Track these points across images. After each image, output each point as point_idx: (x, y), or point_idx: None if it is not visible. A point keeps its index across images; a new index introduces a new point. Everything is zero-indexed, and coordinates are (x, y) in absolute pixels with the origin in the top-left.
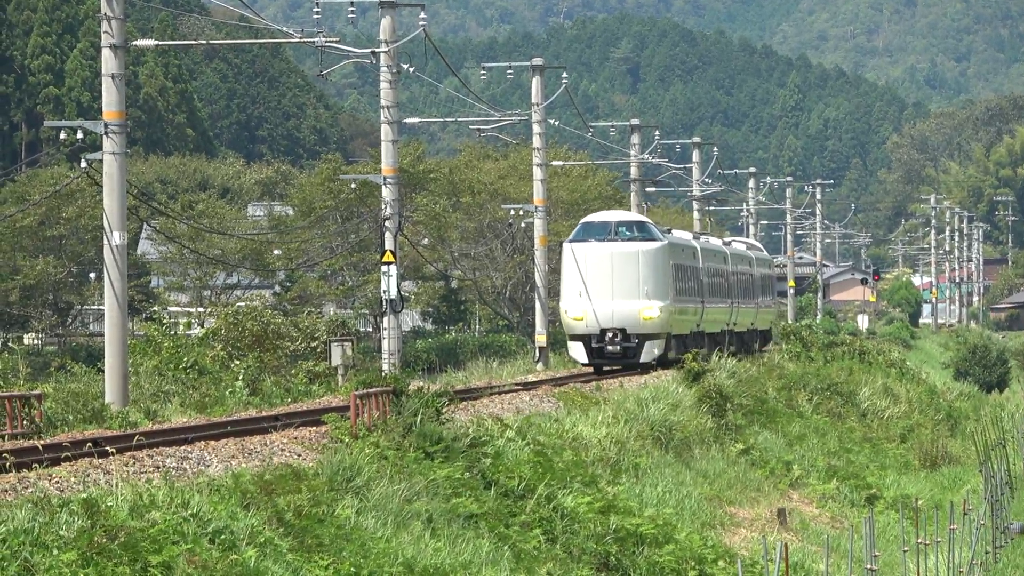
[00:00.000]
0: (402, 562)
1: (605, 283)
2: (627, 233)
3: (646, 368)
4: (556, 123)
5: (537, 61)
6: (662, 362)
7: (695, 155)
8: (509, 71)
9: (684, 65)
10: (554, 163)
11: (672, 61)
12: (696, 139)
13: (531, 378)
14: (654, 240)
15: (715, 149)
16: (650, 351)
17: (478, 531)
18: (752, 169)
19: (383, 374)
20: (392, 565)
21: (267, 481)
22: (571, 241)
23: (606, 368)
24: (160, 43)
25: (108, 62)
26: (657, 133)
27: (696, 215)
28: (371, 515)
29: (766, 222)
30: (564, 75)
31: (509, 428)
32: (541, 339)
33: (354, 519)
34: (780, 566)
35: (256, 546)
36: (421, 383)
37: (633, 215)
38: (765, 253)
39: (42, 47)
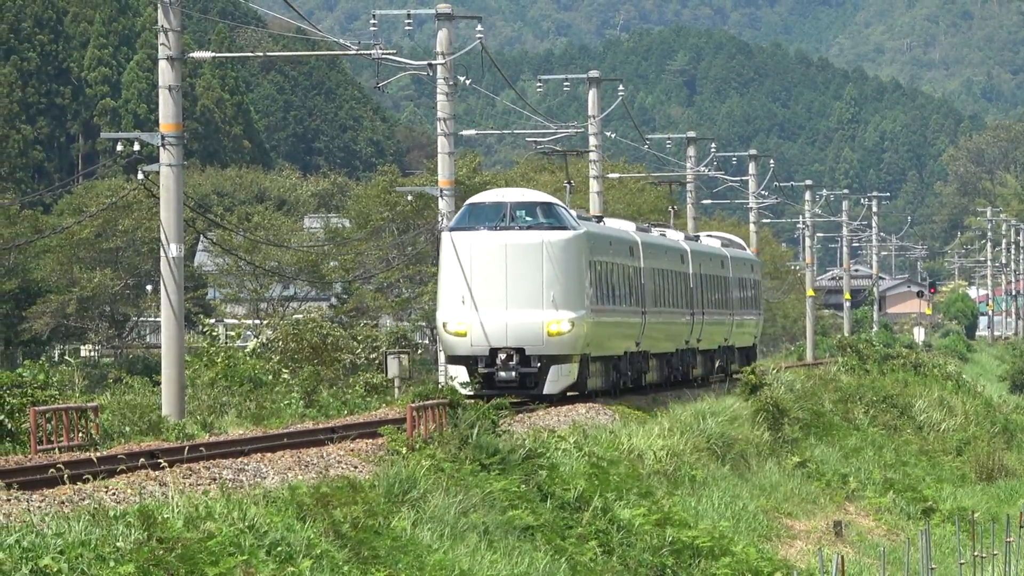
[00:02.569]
0: (458, 574)
1: (497, 286)
2: (527, 219)
3: (552, 401)
4: (612, 135)
5: (594, 73)
6: (580, 392)
7: (751, 167)
8: (566, 83)
9: (740, 77)
10: (610, 175)
11: (728, 73)
12: (752, 151)
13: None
14: (564, 228)
15: (771, 161)
16: (558, 378)
17: (534, 543)
18: (808, 182)
19: (439, 386)
20: None
21: (323, 493)
22: (452, 229)
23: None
24: (217, 55)
25: (165, 74)
26: (713, 145)
27: (752, 227)
28: (427, 527)
29: (822, 235)
30: (620, 87)
31: (565, 440)
32: None
33: (410, 531)
34: None
35: (312, 558)
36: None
37: (537, 194)
38: (749, 252)
39: (99, 59)
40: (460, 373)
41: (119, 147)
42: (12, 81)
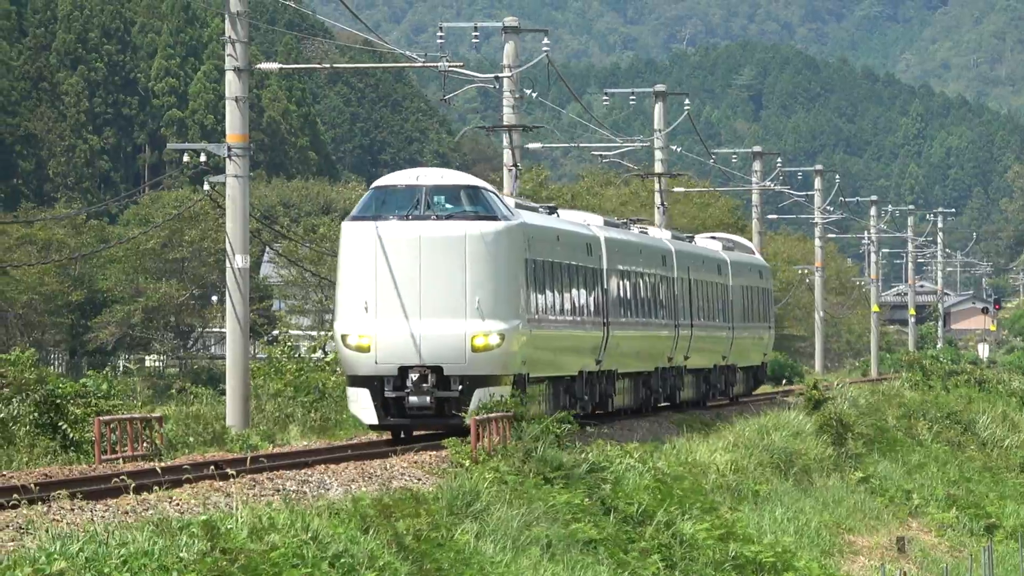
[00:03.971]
0: None
1: (408, 290)
2: (448, 206)
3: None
4: (678, 149)
5: (660, 87)
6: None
7: (817, 183)
8: (632, 97)
9: (807, 93)
10: (676, 190)
11: (795, 88)
12: (818, 167)
13: None
14: (494, 218)
15: (837, 177)
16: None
17: (597, 557)
18: (874, 197)
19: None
20: None
21: (387, 505)
22: (354, 218)
23: (413, 432)
24: (284, 66)
25: (232, 85)
26: (779, 160)
27: (817, 242)
28: (490, 539)
29: (888, 250)
30: (687, 102)
31: (629, 454)
32: None
33: (473, 543)
34: None
35: (375, 570)
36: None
37: (460, 175)
38: (757, 257)
39: (166, 69)
40: (362, 398)
41: (185, 158)
42: (79, 91)
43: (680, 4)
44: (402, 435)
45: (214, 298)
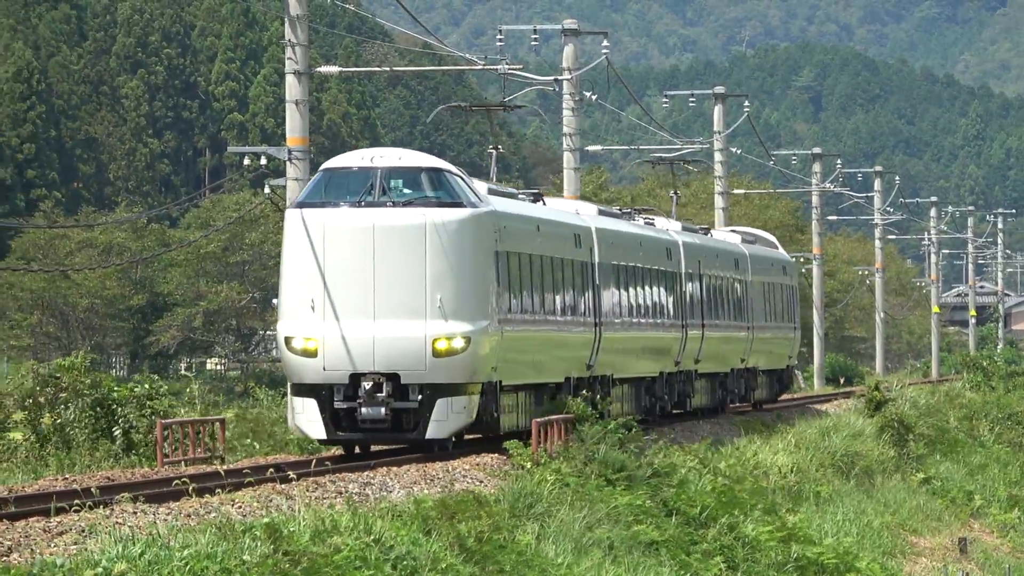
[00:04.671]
0: None
1: (361, 286)
2: (406, 191)
3: (439, 448)
4: (738, 151)
5: (719, 89)
6: (491, 434)
7: (877, 184)
8: (691, 99)
9: (866, 94)
10: (736, 191)
11: (854, 90)
12: (878, 168)
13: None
14: (458, 204)
15: (897, 178)
16: (447, 416)
17: (659, 559)
18: (934, 198)
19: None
20: None
21: (449, 507)
22: (300, 205)
23: (363, 447)
24: (344, 70)
25: (292, 88)
26: (839, 162)
27: (877, 243)
28: (551, 541)
29: (948, 251)
30: (746, 103)
31: (691, 456)
32: None
33: (534, 545)
34: None
35: (438, 572)
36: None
37: (421, 156)
38: (781, 252)
39: (226, 73)
40: (308, 409)
41: (246, 161)
42: (140, 95)
43: (739, 6)
44: (356, 450)
45: (275, 301)
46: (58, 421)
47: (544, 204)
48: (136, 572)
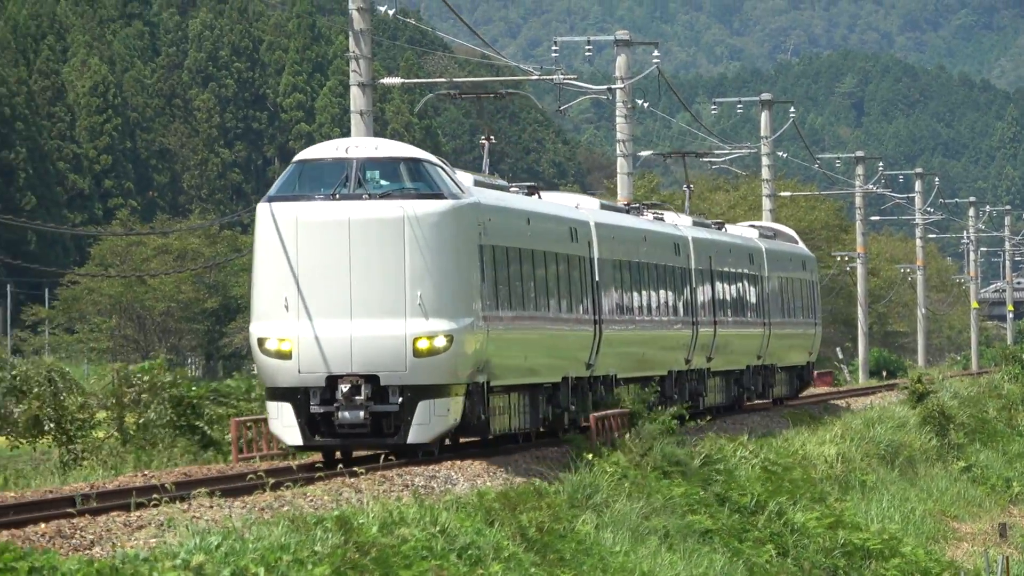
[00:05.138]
0: (640, 574)
1: (337, 284)
2: (383, 183)
3: (423, 454)
4: (784, 155)
5: (765, 96)
6: (481, 437)
7: (917, 185)
8: (739, 106)
9: (906, 99)
10: (782, 194)
11: (895, 95)
12: (918, 170)
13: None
14: (438, 196)
15: (936, 179)
16: (429, 420)
17: (712, 546)
18: (972, 199)
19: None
20: None
21: (511, 498)
22: (272, 199)
23: (345, 452)
24: (406, 81)
25: (356, 99)
26: (881, 164)
27: (918, 242)
28: (610, 531)
29: (986, 249)
30: (791, 109)
31: (742, 447)
32: None
33: (593, 534)
34: None
35: (501, 561)
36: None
37: (397, 146)
38: (801, 247)
39: (294, 85)
40: (284, 414)
41: None
42: (211, 107)
43: (784, 16)
44: (337, 456)
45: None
46: (140, 420)
47: (539, 197)
48: (213, 563)
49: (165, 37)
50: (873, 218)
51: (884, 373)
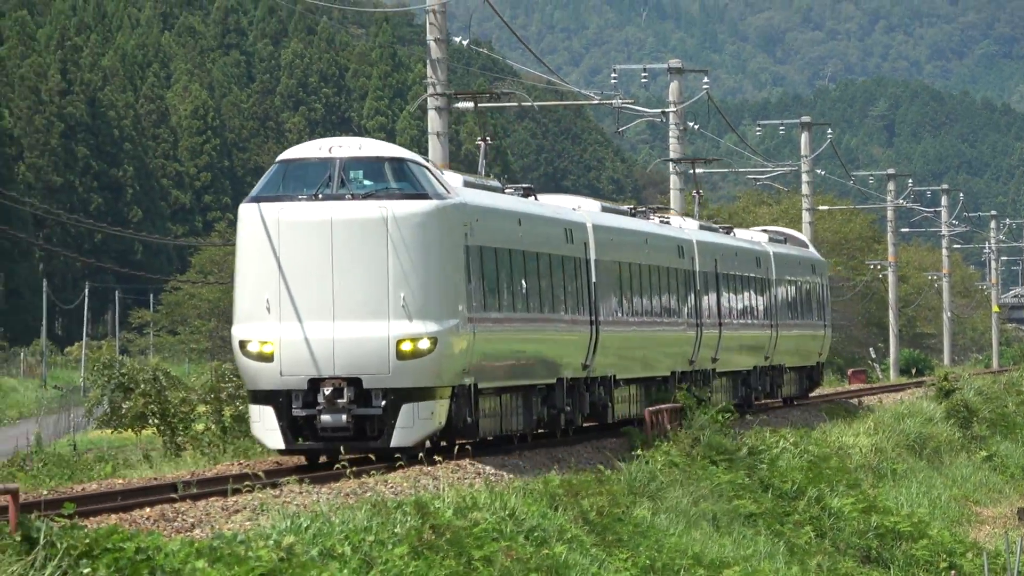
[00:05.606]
0: (691, 555)
1: (319, 285)
2: (367, 183)
3: (409, 458)
4: (822, 172)
5: (805, 119)
6: (470, 439)
7: (943, 200)
8: (781, 128)
9: (933, 121)
10: (820, 208)
11: (923, 118)
12: (944, 186)
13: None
14: (423, 196)
15: (960, 195)
16: (413, 423)
17: (756, 528)
18: (993, 212)
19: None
20: (683, 558)
21: (573, 485)
22: (254, 199)
23: (330, 456)
24: (478, 105)
25: (433, 122)
26: (910, 181)
27: (944, 252)
28: (664, 515)
29: (1006, 258)
30: (829, 131)
31: (783, 438)
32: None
33: (649, 518)
34: (1021, 558)
35: (564, 541)
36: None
37: (382, 146)
38: (811, 251)
39: (376, 109)
40: (265, 417)
41: None
42: (301, 128)
43: (822, 45)
44: (322, 459)
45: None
46: (236, 413)
47: (535, 199)
48: (303, 544)
49: (260, 65)
50: (903, 230)
51: (913, 371)
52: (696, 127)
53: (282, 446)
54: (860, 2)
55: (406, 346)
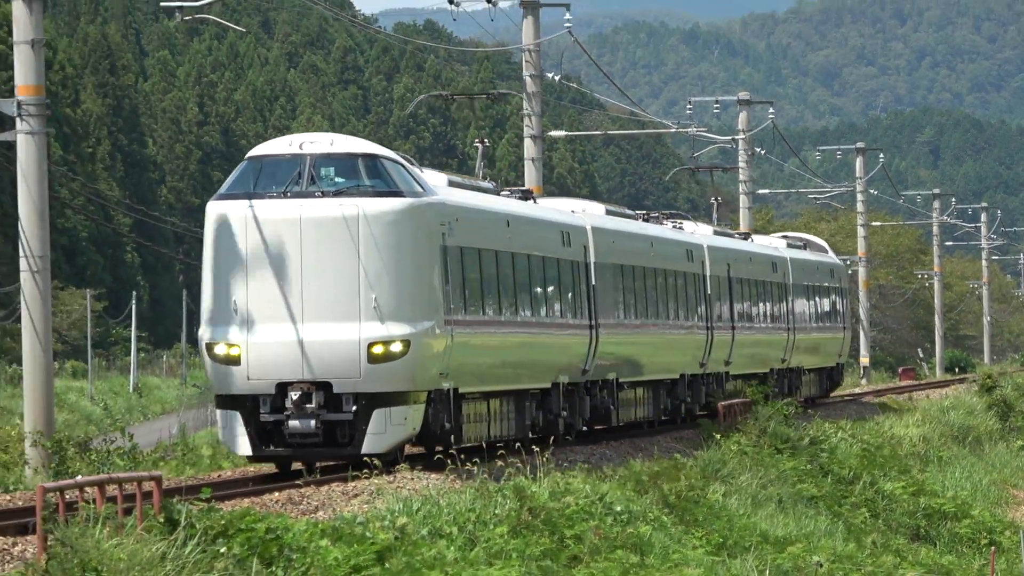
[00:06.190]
0: (759, 533)
1: (288, 285)
2: (338, 180)
3: (381, 463)
4: (875, 192)
5: (860, 144)
6: (449, 446)
7: (983, 217)
8: (838, 153)
9: (974, 147)
10: (873, 224)
11: (965, 143)
12: (984, 204)
13: (857, 390)
14: (396, 194)
15: (999, 212)
16: (385, 428)
17: (817, 509)
18: None
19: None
20: (751, 536)
21: (655, 472)
22: (222, 197)
23: (300, 464)
24: (569, 133)
25: (529, 149)
26: (953, 200)
27: (984, 263)
28: (734, 498)
29: None
30: (881, 155)
31: (841, 429)
32: (864, 360)
33: (721, 501)
34: None
35: (646, 521)
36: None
37: (354, 142)
38: (831, 256)
39: (477, 137)
40: (232, 423)
41: None
42: (412, 155)
43: (875, 80)
44: (294, 466)
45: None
46: None
47: (534, 202)
48: (414, 524)
49: (375, 99)
50: (947, 243)
51: (956, 369)
52: (763, 152)
53: (250, 452)
54: (908, 41)
55: (378, 349)
